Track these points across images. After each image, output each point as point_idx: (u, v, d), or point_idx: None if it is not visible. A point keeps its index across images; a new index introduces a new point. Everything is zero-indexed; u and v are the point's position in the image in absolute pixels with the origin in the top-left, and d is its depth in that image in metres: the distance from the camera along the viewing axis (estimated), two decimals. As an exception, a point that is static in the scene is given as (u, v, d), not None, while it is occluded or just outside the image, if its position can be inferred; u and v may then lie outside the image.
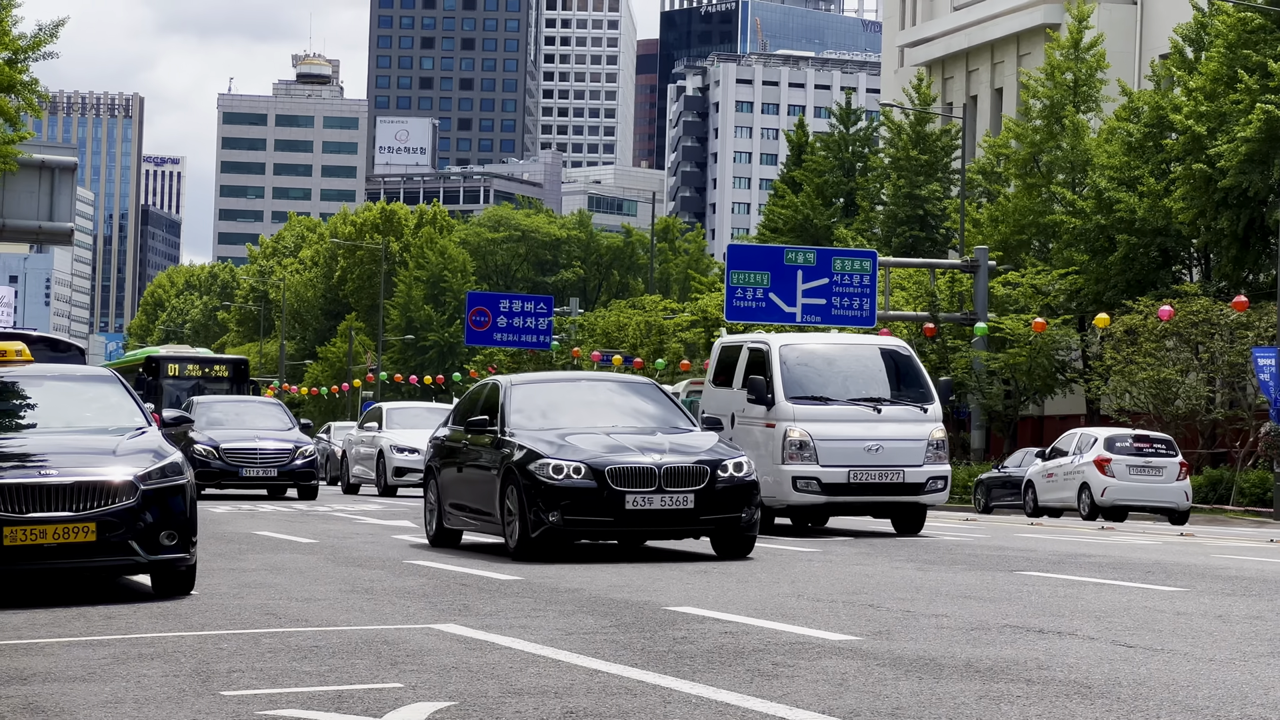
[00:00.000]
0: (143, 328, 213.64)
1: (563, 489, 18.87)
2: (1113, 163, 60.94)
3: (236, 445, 38.72)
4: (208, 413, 40.76)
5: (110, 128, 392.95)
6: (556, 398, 21.16)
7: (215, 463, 38.41)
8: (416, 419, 43.66)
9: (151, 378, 57.17)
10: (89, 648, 11.87)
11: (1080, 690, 9.44)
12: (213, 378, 58.16)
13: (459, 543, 22.17)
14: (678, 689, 9.55)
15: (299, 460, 38.97)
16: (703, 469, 19.06)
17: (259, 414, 41.94)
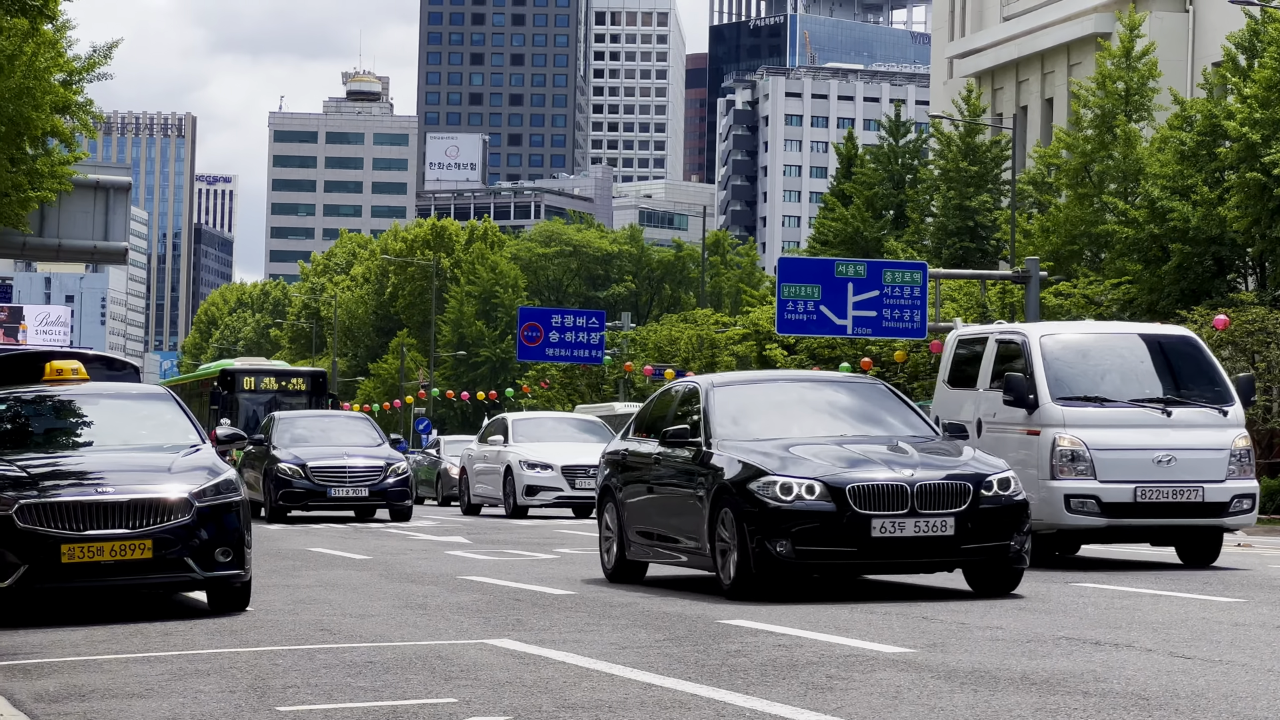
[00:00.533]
0: (196, 346, 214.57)
1: (793, 512, 15.50)
2: (1165, 171, 60.67)
3: (324, 463, 35.81)
4: (291, 429, 38.06)
5: (164, 147, 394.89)
6: (769, 401, 17.82)
7: (301, 482, 35.64)
8: (546, 430, 40.36)
9: (226, 391, 56.02)
10: (146, 664, 11.93)
11: (1138, 702, 9.40)
12: (290, 391, 56.57)
13: (643, 577, 18.69)
14: (731, 702, 9.55)
15: (391, 478, 36.13)
16: (964, 486, 15.82)
17: (346, 429, 39.10)
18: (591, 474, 34.69)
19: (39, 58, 39.19)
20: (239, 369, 58.99)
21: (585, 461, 36.22)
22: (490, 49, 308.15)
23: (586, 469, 35.96)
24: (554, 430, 40.15)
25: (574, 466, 36.69)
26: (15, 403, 17.17)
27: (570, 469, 36.79)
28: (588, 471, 35.85)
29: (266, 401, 55.35)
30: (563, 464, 36.88)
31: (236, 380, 56.56)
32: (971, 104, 79.40)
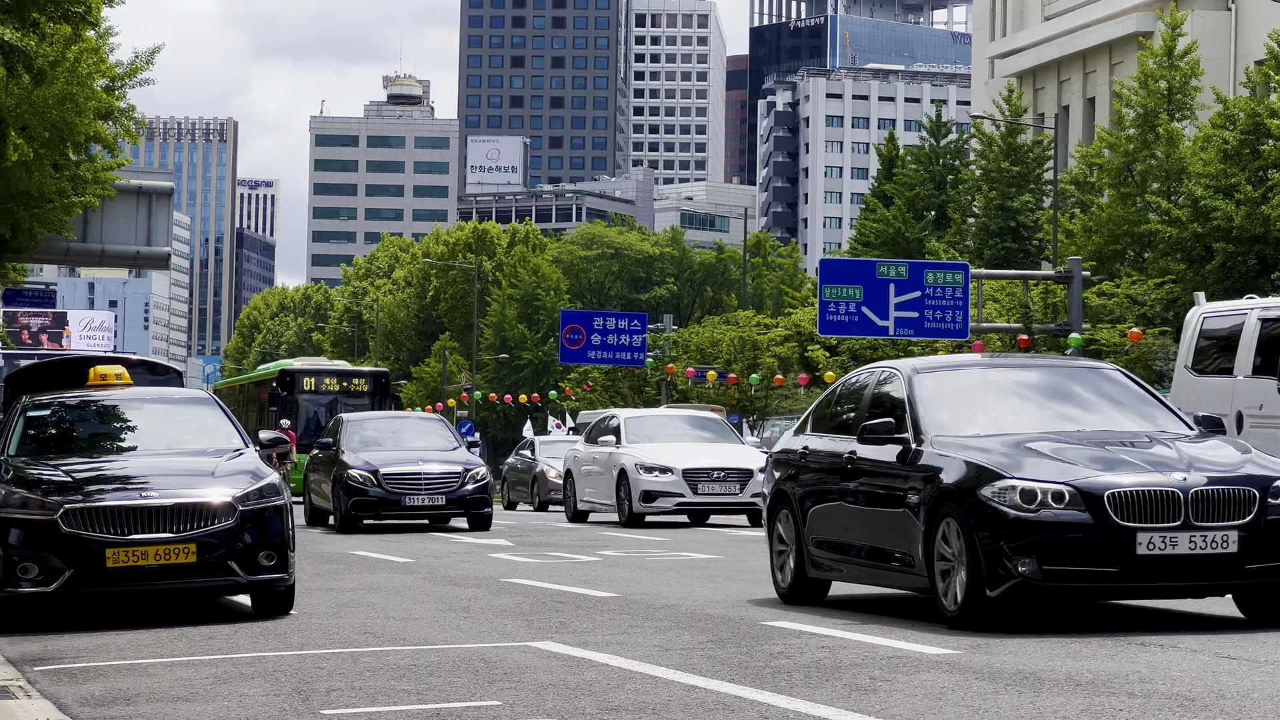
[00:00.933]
0: (239, 350, 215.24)
1: (1038, 523, 12.74)
2: (1208, 170, 60.47)
3: (398, 469, 32.46)
4: (360, 431, 34.62)
5: (205, 152, 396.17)
6: (985, 387, 15.00)
7: (374, 490, 32.38)
8: (661, 429, 36.31)
9: (286, 393, 54.95)
10: (191, 668, 11.98)
11: (1184, 704, 9.37)
12: (352, 392, 55.47)
13: (825, 597, 15.94)
14: (775, 704, 9.55)
15: (469, 485, 32.74)
16: (1247, 493, 12.92)
17: (419, 431, 35.65)
18: (716, 477, 33.00)
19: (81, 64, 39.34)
20: (299, 369, 57.74)
21: (708, 464, 33.43)
22: (531, 52, 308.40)
23: (710, 472, 33.21)
24: (670, 429, 36.28)
25: (696, 470, 33.20)
26: (60, 408, 17.26)
27: (692, 473, 33.18)
28: (711, 475, 33.16)
29: (328, 403, 54.57)
30: (684, 467, 33.25)
31: (296, 381, 55.52)
32: (1013, 104, 79.21)
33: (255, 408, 60.90)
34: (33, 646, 13.72)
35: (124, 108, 43.15)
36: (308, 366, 59.47)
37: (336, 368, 60.42)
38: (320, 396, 55.16)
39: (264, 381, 60.34)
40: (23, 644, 13.91)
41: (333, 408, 53.50)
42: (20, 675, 11.98)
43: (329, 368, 60.20)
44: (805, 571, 15.62)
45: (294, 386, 55.25)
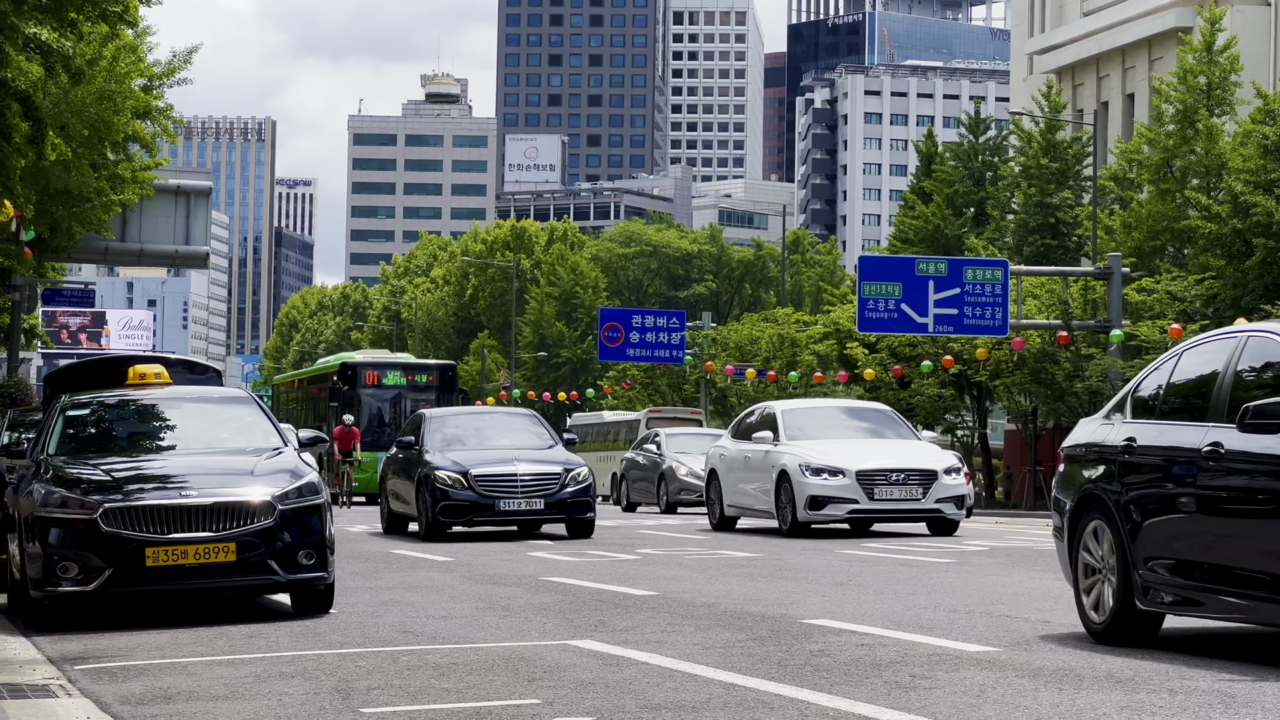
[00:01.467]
0: (277, 349, 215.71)
1: None
2: (1248, 166, 60.23)
3: (490, 470, 28.89)
4: (443, 429, 30.88)
5: (244, 151, 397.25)
6: None
7: (463, 493, 28.89)
8: (821, 422, 31.30)
9: (348, 387, 53.09)
10: (231, 666, 12.00)
11: (1224, 700, 9.33)
12: (418, 385, 53.54)
13: (1158, 634, 12.27)
14: (815, 702, 9.53)
15: (570, 487, 28.99)
16: None
17: (507, 428, 31.59)
18: (895, 480, 28.38)
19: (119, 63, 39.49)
20: (360, 362, 55.80)
21: (886, 464, 28.70)
22: (569, 50, 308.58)
23: (887, 474, 28.48)
24: (832, 423, 31.21)
25: (872, 472, 28.40)
26: (99, 407, 17.30)
27: (868, 475, 28.40)
28: (889, 477, 28.42)
29: (392, 397, 53.24)
30: (858, 469, 28.47)
31: (358, 374, 53.77)
32: (1052, 100, 78.99)
33: (315, 403, 59.47)
34: (73, 645, 13.76)
35: (161, 107, 43.32)
36: (370, 359, 57.33)
37: (401, 360, 58.01)
38: (384, 391, 53.58)
39: (324, 376, 58.44)
40: (63, 643, 13.95)
41: (397, 403, 52.52)
42: (61, 674, 12.01)
43: (393, 360, 57.75)
44: (1139, 601, 11.85)
45: (356, 380, 53.55)
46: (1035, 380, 65.63)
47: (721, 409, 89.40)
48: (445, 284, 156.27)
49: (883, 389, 76.50)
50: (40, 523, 15.06)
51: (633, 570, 20.65)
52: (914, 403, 75.54)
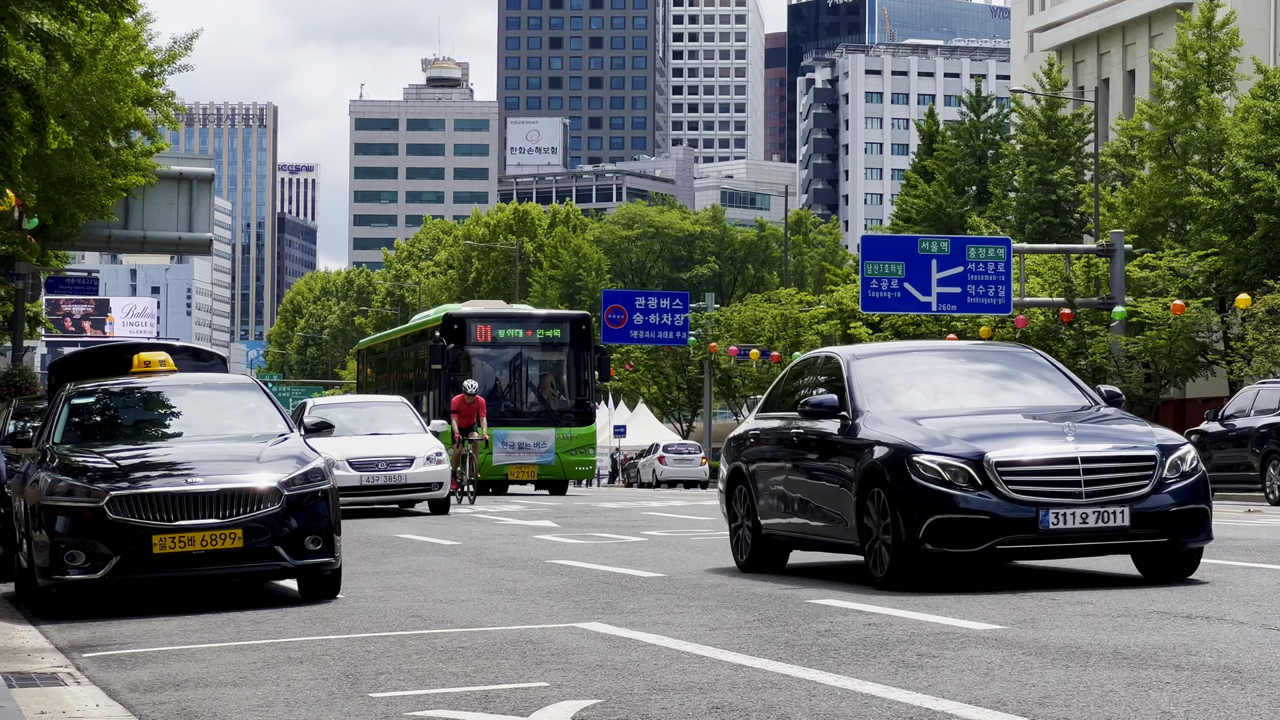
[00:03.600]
0: (282, 334, 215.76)
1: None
2: (1249, 141, 60.23)
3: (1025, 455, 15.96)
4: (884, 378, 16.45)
5: (245, 137, 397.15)
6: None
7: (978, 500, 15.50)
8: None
9: (453, 345, 44.50)
10: (239, 652, 12.02)
11: (1230, 675, 9.35)
12: (544, 342, 45.33)
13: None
14: (823, 681, 9.55)
15: None
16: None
17: None
18: None
19: (120, 51, 39.51)
20: (469, 314, 46.51)
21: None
22: (569, 32, 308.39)
23: None
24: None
25: None
26: (104, 395, 17.32)
27: None
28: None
29: (510, 359, 45.11)
30: None
31: (467, 329, 44.86)
32: (1053, 78, 78.95)
33: (410, 369, 50.79)
34: (81, 633, 13.79)
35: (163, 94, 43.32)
36: (481, 310, 47.86)
37: (520, 311, 48.55)
38: (500, 350, 44.93)
39: (421, 334, 49.18)
40: (71, 631, 13.98)
41: (517, 366, 44.85)
42: (69, 662, 12.05)
43: (510, 312, 48.20)
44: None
45: (464, 336, 44.66)
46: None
47: (726, 389, 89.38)
48: (449, 268, 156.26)
49: (887, 368, 76.50)
50: (47, 511, 15.09)
51: (639, 552, 20.67)
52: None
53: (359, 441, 32.37)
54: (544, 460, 45.35)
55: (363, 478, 31.96)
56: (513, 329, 45.24)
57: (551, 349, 45.54)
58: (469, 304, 51.24)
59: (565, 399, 46.31)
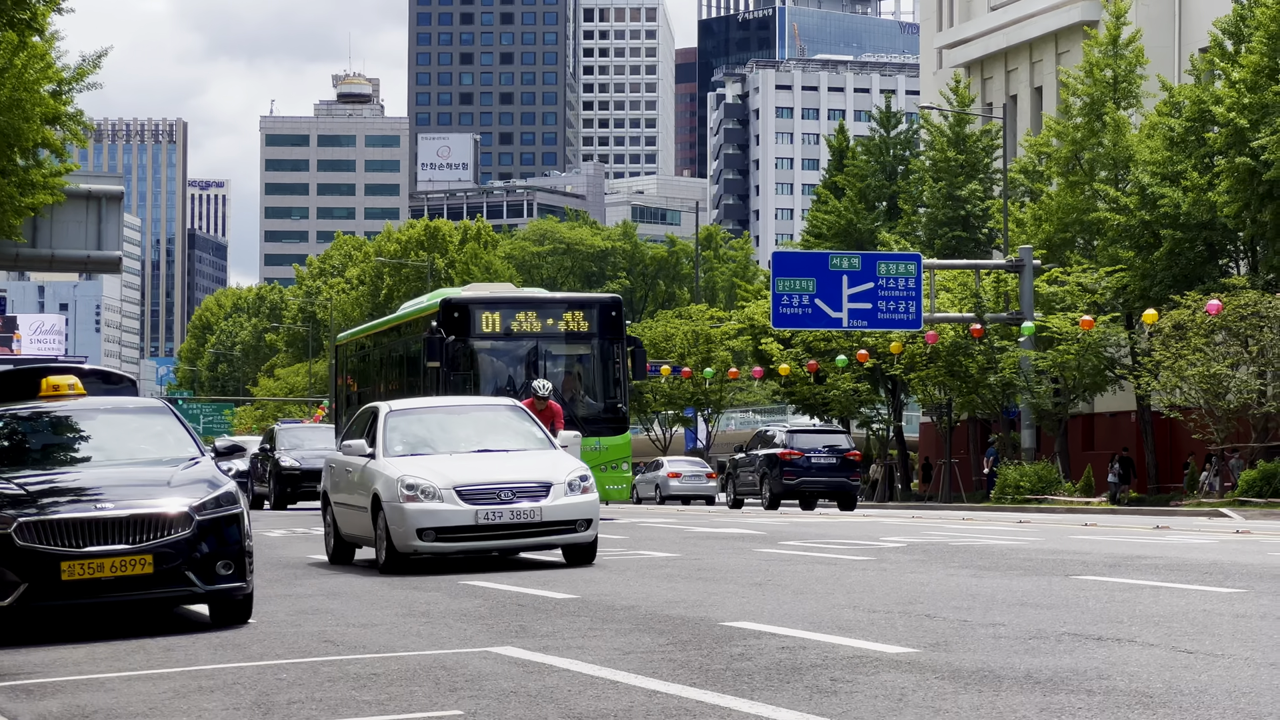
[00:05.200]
0: (193, 351, 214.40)
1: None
2: (1155, 158, 60.72)
3: None
4: None
5: (155, 153, 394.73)
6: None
7: None
8: None
9: (454, 337, 36.13)
10: (150, 681, 11.92)
11: (1142, 700, 9.41)
12: (566, 334, 37.00)
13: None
14: (737, 708, 9.55)
15: None
16: None
17: None
18: None
19: (28, 70, 39.22)
20: (472, 299, 37.55)
21: None
22: (480, 48, 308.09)
23: None
24: None
25: None
26: (12, 420, 17.14)
27: None
28: None
29: (524, 354, 36.66)
30: None
31: (470, 317, 36.40)
32: (960, 94, 79.37)
33: (401, 367, 41.93)
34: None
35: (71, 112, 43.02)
36: (487, 295, 38.67)
37: (535, 295, 39.40)
38: (512, 343, 36.55)
39: (414, 323, 40.09)
40: (-20, 659, 13.83)
41: (533, 362, 36.55)
42: (-22, 692, 11.92)
43: (522, 296, 39.11)
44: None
45: (467, 326, 36.28)
46: (949, 373, 65.95)
47: (637, 405, 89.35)
48: (360, 284, 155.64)
49: (798, 384, 76.73)
50: (-47, 538, 14.90)
51: (552, 574, 20.62)
52: (830, 397, 75.81)
53: (466, 463, 21.83)
54: None
55: (479, 514, 21.03)
56: (527, 317, 36.84)
57: (576, 341, 37.19)
58: (472, 287, 41.72)
59: (593, 402, 37.83)
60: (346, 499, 23.08)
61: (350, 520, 23.03)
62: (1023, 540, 26.22)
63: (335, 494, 23.78)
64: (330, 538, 24.19)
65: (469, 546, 21.35)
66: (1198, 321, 54.58)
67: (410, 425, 22.79)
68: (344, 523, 23.40)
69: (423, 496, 20.89)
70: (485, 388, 35.35)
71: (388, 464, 21.65)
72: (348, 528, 23.28)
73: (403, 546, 21.03)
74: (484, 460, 21.91)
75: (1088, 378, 62.09)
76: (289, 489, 50.60)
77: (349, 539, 23.52)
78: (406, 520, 20.87)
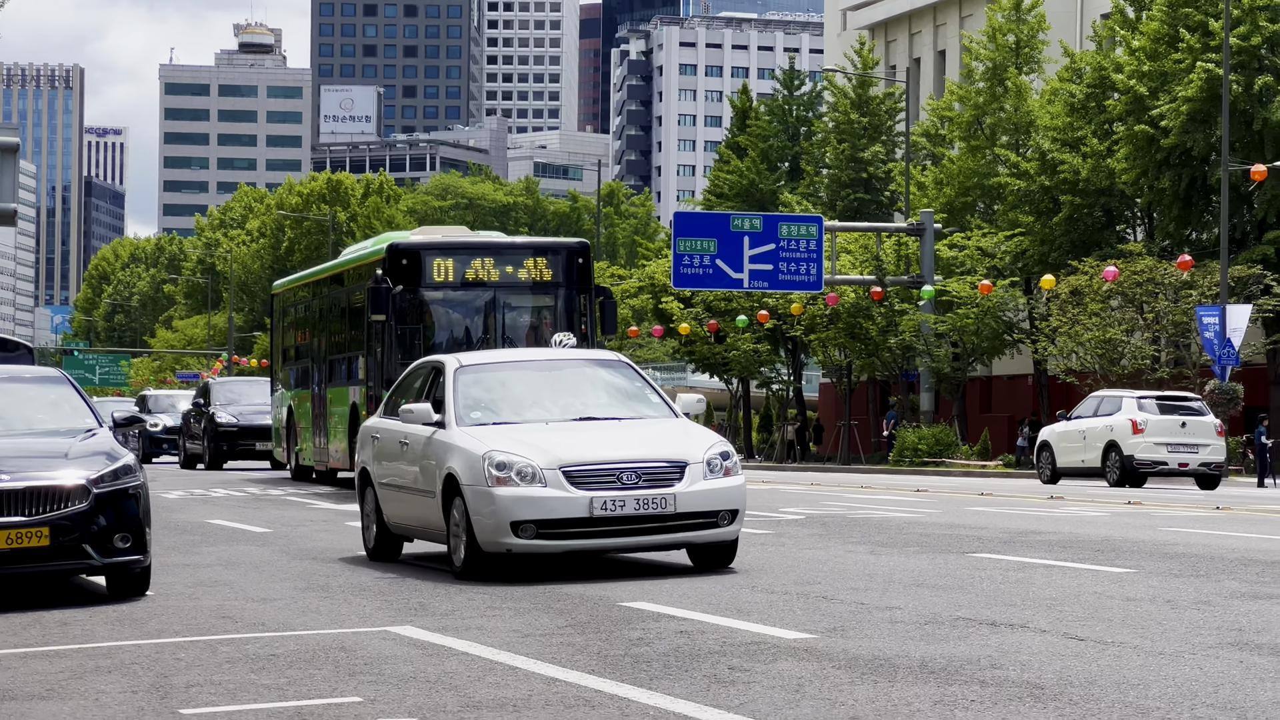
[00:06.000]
0: (89, 301, 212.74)
1: None
2: (1056, 124, 61.17)
3: None
4: None
5: (51, 99, 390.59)
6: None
7: None
8: None
9: (401, 287, 31.32)
10: (46, 659, 11.85)
11: (1033, 692, 9.53)
12: (529, 284, 32.19)
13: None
14: (635, 699, 9.60)
15: None
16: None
17: None
18: None
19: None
20: (422, 244, 32.68)
21: None
22: (384, 0, 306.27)
23: None
24: None
25: None
26: (-93, 388, 16.97)
27: None
28: None
29: (481, 305, 32.02)
30: None
31: (421, 265, 31.69)
32: (864, 56, 79.62)
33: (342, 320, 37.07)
34: (-116, 637, 13.55)
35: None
36: (437, 239, 33.63)
37: (492, 240, 34.92)
38: (467, 293, 32.00)
39: (357, 271, 35.23)
40: (-127, 634, 13.73)
41: (490, 314, 32.04)
42: (-128, 671, 11.84)
43: (478, 241, 34.58)
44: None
45: (417, 276, 31.59)
46: (850, 335, 66.31)
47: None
48: (261, 236, 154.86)
49: (699, 343, 76.93)
50: None
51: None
52: (730, 357, 76.04)
53: (569, 435, 16.85)
54: None
55: (594, 503, 16.05)
56: (484, 264, 32.15)
57: (539, 291, 32.46)
58: (422, 230, 37.00)
59: None
60: (398, 478, 18.05)
61: (403, 506, 18.04)
62: (920, 513, 26.43)
63: (380, 472, 18.61)
64: (371, 528, 18.88)
65: (581, 545, 16.26)
66: (1094, 287, 55.08)
67: (489, 385, 17.82)
68: (393, 509, 18.30)
69: (519, 479, 15.93)
70: (438, 344, 30.94)
71: (465, 435, 16.67)
72: (398, 516, 18.22)
73: (491, 544, 16.08)
74: (592, 431, 16.92)
75: (986, 341, 62.58)
76: (224, 446, 49.02)
77: (397, 529, 18.44)
78: (498, 510, 15.91)
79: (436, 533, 17.22)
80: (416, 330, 31.66)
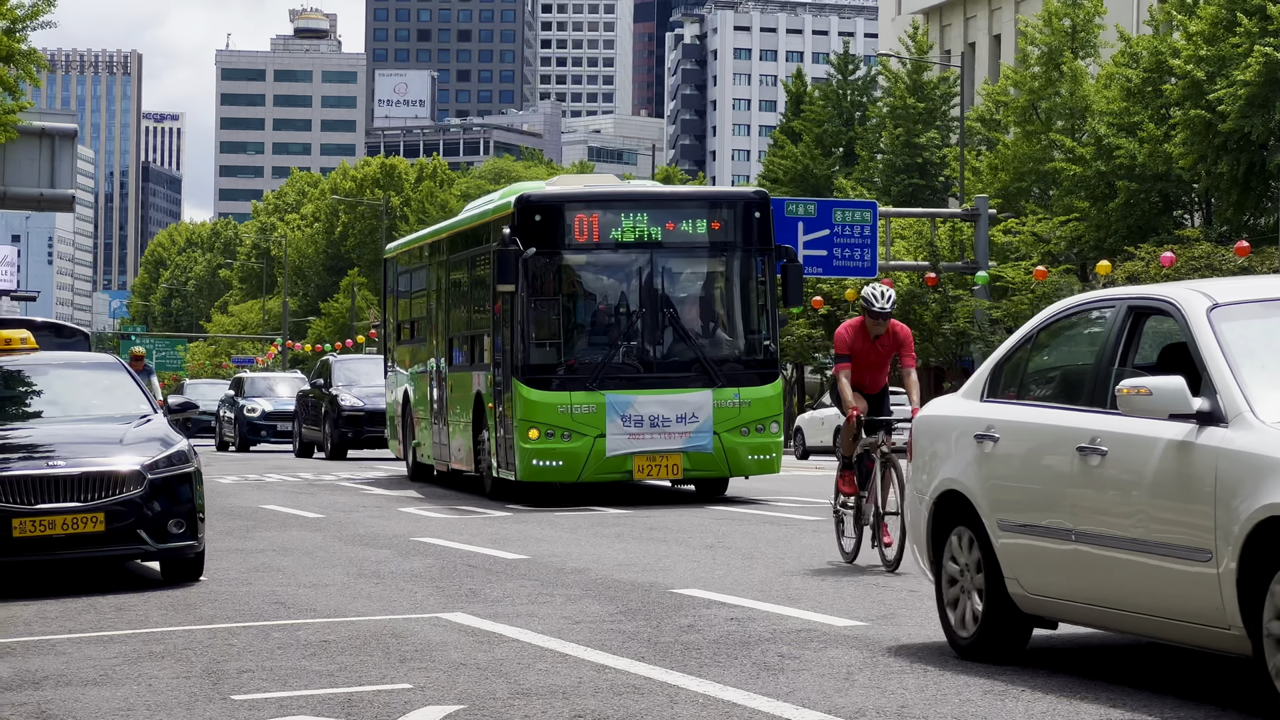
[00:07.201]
0: (145, 286, 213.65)
1: None
2: (1112, 109, 60.83)
3: None
4: None
5: (109, 85, 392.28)
6: None
7: None
8: None
9: (534, 249, 25.20)
10: (100, 644, 11.93)
11: (1085, 683, 9.50)
12: (691, 244, 25.96)
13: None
14: (684, 686, 9.62)
15: None
16: None
17: None
18: None
19: (-19, 8, 38.89)
20: (559, 194, 26.60)
21: None
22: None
23: None
24: None
25: None
26: (-37, 374, 17.10)
27: None
28: None
29: (637, 270, 25.66)
30: None
31: (559, 221, 25.68)
32: (919, 41, 79.37)
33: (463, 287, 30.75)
34: (-60, 621, 13.65)
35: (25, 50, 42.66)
36: (578, 190, 27.43)
37: (647, 190, 28.08)
38: (617, 256, 25.82)
39: (480, 231, 28.72)
40: (-70, 618, 13.83)
41: (646, 282, 25.61)
42: (-72, 655, 11.92)
43: (628, 191, 28.07)
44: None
45: (554, 234, 25.59)
46: (903, 321, 66.13)
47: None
48: (315, 221, 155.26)
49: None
50: (-97, 495, 14.88)
51: (503, 530, 20.67)
52: (784, 343, 75.94)
53: None
54: (694, 444, 25.27)
55: None
56: (637, 220, 25.78)
57: (707, 253, 26.37)
58: (557, 180, 30.53)
59: (730, 339, 26.41)
60: (1072, 522, 9.64)
61: (1102, 575, 9.45)
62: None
63: (1003, 507, 10.29)
64: (966, 598, 10.59)
65: None
66: (1151, 273, 54.80)
67: None
68: (1057, 578, 9.85)
69: None
70: (580, 318, 25.98)
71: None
72: (1079, 588, 9.68)
73: None
74: None
75: (1041, 328, 62.28)
76: (349, 433, 42.83)
77: (1033, 605, 10.13)
78: None
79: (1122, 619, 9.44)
80: (554, 303, 25.61)
